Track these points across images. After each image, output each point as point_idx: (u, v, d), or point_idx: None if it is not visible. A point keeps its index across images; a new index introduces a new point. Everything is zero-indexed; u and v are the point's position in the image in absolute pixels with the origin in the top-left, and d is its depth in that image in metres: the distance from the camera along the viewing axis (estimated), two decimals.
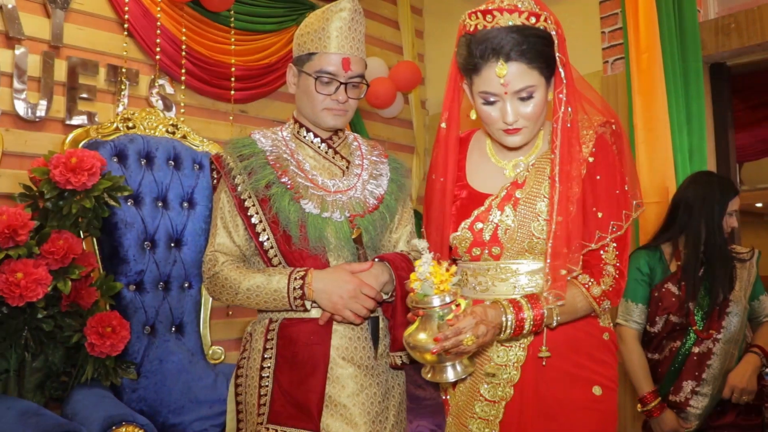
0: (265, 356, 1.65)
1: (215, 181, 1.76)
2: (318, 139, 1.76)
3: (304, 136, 1.76)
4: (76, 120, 2.62)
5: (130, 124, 2.59)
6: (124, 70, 2.78)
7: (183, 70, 2.95)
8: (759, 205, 8.47)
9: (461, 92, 1.57)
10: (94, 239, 2.41)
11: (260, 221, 1.66)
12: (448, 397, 1.65)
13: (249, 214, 1.66)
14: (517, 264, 1.52)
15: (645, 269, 2.44)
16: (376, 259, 1.68)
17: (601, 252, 1.50)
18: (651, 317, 2.42)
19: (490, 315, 1.39)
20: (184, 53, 2.95)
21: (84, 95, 2.66)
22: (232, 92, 3.15)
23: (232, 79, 3.13)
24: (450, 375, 1.40)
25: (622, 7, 3.20)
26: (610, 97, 3.27)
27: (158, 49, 2.86)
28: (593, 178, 1.49)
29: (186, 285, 2.59)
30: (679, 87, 3.02)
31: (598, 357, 1.54)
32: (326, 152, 1.76)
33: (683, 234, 2.43)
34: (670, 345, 2.39)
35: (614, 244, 1.50)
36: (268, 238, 1.66)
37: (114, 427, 1.82)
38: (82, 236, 2.25)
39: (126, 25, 2.78)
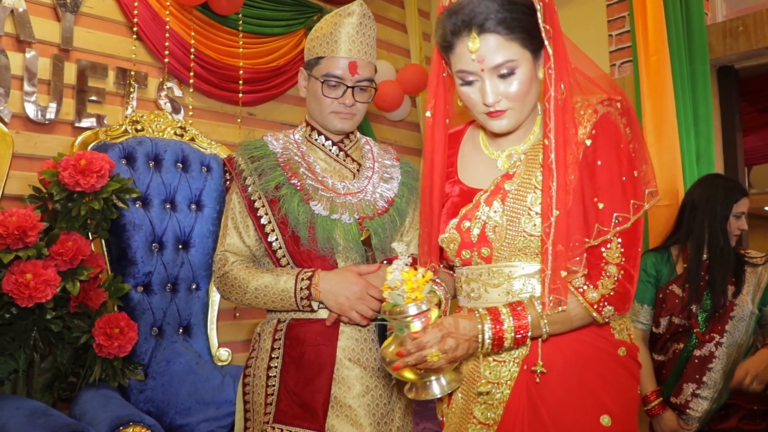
0: (273, 356, 1.66)
1: (228, 182, 1.79)
2: (329, 142, 1.77)
3: (316, 139, 1.78)
4: (86, 122, 2.64)
5: (139, 127, 2.61)
6: (133, 73, 2.80)
7: (191, 73, 2.97)
8: None
9: (447, 78, 1.41)
10: (103, 241, 2.42)
11: (269, 222, 1.67)
12: (443, 418, 1.49)
13: (258, 214, 1.68)
14: (510, 267, 1.34)
15: (651, 271, 2.47)
16: (385, 262, 1.69)
17: (602, 249, 1.28)
18: (655, 318, 2.44)
19: (461, 326, 1.24)
20: (192, 56, 2.96)
21: (93, 98, 2.68)
22: (240, 95, 3.16)
23: (240, 81, 3.15)
24: (435, 390, 1.27)
25: (629, 11, 3.20)
26: None
27: (167, 52, 2.88)
28: (593, 163, 1.29)
29: (193, 287, 2.60)
30: (687, 90, 3.01)
31: (609, 378, 1.32)
32: (337, 155, 1.78)
33: (690, 236, 2.43)
34: (673, 347, 2.39)
35: (618, 240, 1.28)
36: (276, 239, 1.67)
37: (121, 428, 1.82)
38: (90, 238, 2.26)
39: (135, 29, 2.79)
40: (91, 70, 2.68)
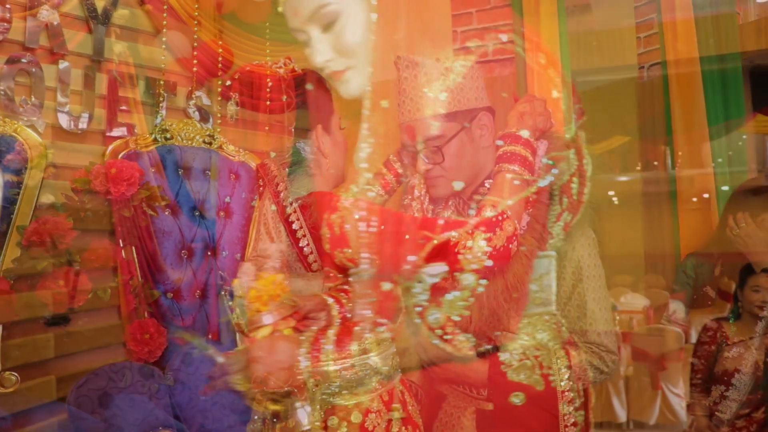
0: None
1: (261, 188, 1.81)
2: None
3: None
4: (116, 132, 2.68)
5: (168, 135, 2.65)
6: (162, 82, 2.84)
7: (219, 82, 3.00)
8: None
9: None
10: (133, 247, 2.45)
11: (301, 227, 1.69)
12: None
13: (290, 220, 1.70)
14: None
15: (691, 273, 2.49)
16: None
17: None
18: (690, 319, 2.43)
19: (278, 352, 0.95)
20: (220, 65, 3.00)
21: (124, 107, 2.72)
22: (268, 102, 3.18)
23: (268, 89, 3.17)
24: (302, 420, 1.02)
25: (657, 12, 3.15)
26: (646, 102, 3.21)
27: (195, 62, 2.92)
28: None
29: (222, 293, 2.62)
30: (717, 91, 2.95)
31: None
32: None
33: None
34: (705, 349, 2.38)
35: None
36: (308, 244, 1.68)
37: (151, 431, 1.85)
38: (121, 245, 2.29)
39: (164, 39, 2.84)
40: (122, 80, 2.72)
